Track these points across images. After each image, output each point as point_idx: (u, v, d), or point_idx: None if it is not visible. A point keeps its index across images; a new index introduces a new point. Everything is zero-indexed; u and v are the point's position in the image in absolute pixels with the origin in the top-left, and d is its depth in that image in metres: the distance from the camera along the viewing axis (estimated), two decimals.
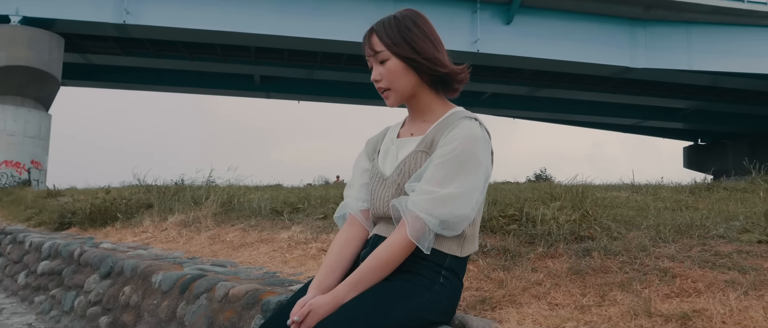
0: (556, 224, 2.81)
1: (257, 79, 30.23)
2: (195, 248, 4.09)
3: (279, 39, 22.62)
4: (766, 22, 25.20)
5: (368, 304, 1.62)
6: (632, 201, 4.27)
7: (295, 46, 24.02)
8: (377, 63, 1.80)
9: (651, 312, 1.85)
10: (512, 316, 1.97)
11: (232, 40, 23.22)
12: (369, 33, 1.82)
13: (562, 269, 2.39)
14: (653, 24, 24.57)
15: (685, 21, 24.76)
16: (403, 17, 1.80)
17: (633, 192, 5.00)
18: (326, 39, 22.38)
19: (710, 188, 5.06)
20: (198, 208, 5.26)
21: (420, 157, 1.75)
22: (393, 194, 1.77)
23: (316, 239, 3.70)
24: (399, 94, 1.80)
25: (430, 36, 1.80)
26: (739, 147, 39.03)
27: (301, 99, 32.84)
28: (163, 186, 6.47)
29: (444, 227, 1.65)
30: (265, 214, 4.70)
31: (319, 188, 8.25)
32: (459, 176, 1.65)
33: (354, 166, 2.04)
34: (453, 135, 1.71)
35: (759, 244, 2.46)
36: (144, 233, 4.92)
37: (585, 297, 2.06)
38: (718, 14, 24.64)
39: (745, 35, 25.16)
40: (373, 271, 1.67)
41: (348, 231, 1.89)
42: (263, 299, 2.36)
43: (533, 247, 2.70)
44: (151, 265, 3.28)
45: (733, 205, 3.90)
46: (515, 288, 2.27)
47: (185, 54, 26.34)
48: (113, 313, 3.26)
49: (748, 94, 30.35)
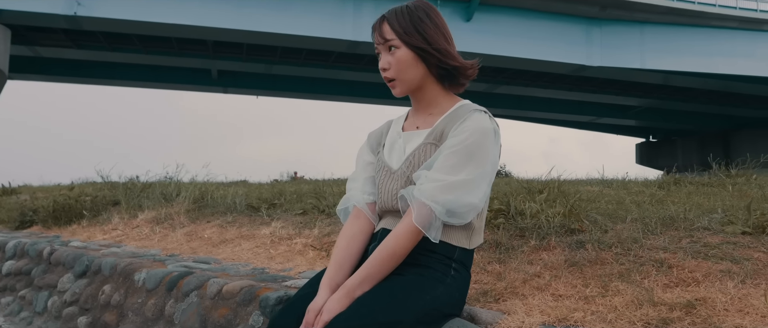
0: (545, 218, 2.83)
1: (215, 74, 29.72)
2: (172, 245, 4.00)
3: (238, 33, 22.27)
4: (715, 24, 26.03)
5: (384, 298, 1.60)
6: (606, 195, 4.34)
7: (254, 41, 23.67)
8: (386, 51, 1.78)
9: (655, 301, 1.88)
10: (518, 308, 1.98)
11: (189, 34, 22.74)
12: (380, 21, 1.81)
13: (558, 261, 2.41)
14: (609, 23, 25.10)
15: (638, 21, 25.37)
16: (416, 8, 1.79)
17: (604, 187, 5.09)
18: (286, 34, 22.12)
19: (677, 182, 5.19)
20: (169, 204, 5.14)
21: (429, 149, 1.74)
22: (402, 186, 1.76)
23: (299, 234, 3.65)
24: (406, 84, 1.79)
25: (441, 28, 1.80)
26: (689, 144, 40.34)
27: (259, 94, 32.45)
28: (130, 182, 6.30)
29: (450, 214, 1.64)
30: (240, 210, 4.63)
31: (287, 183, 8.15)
32: (468, 166, 1.65)
33: (357, 159, 2.02)
34: (464, 127, 1.70)
35: (743, 235, 2.53)
36: (114, 231, 4.78)
37: (588, 288, 2.08)
38: (670, 15, 25.32)
39: (696, 36, 25.94)
40: (383, 262, 1.65)
41: (354, 225, 1.86)
42: (260, 295, 2.32)
43: (525, 240, 2.72)
44: (132, 263, 3.18)
45: (704, 198, 4.01)
46: (515, 280, 2.28)
47: (140, 47, 25.65)
48: (92, 313, 3.15)
49: (698, 93, 31.30)
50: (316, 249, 3.24)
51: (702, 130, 39.19)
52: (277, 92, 32.03)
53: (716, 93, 31.05)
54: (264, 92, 31.99)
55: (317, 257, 3.12)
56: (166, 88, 31.67)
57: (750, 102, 32.83)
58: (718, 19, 25.88)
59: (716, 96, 31.75)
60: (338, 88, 31.44)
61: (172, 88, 31.99)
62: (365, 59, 26.84)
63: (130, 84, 30.92)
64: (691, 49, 25.85)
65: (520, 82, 30.00)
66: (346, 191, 1.99)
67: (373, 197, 1.88)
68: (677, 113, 36.04)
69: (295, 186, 6.57)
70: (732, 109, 34.57)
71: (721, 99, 32.44)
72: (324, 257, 3.12)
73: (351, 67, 28.08)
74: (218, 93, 32.76)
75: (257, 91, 31.82)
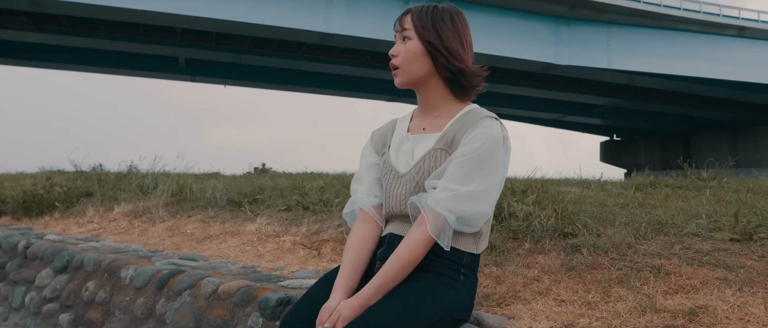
0: (538, 221, 2.86)
1: (182, 62, 29.26)
2: (153, 240, 3.92)
3: (207, 21, 21.96)
4: (679, 27, 26.65)
5: (398, 306, 1.61)
6: (588, 197, 4.40)
7: (223, 30, 23.36)
8: (401, 40, 1.80)
9: (657, 308, 1.91)
10: (524, 313, 1.99)
11: (156, 21, 22.30)
12: (405, 12, 1.82)
13: (555, 264, 2.44)
14: (577, 23, 25.48)
15: (606, 21, 25.82)
16: (442, 9, 1.81)
17: (583, 188, 5.16)
18: (257, 23, 21.89)
19: (653, 184, 5.29)
20: (146, 197, 5.04)
21: (440, 155, 1.74)
22: (411, 191, 1.75)
23: (286, 231, 3.62)
24: (408, 75, 1.80)
25: (460, 33, 1.80)
26: (651, 143, 41.28)
27: (227, 84, 32.07)
28: (104, 173, 6.16)
29: (462, 223, 1.66)
30: (221, 204, 4.56)
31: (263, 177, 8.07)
32: (480, 175, 1.66)
33: (361, 159, 2.00)
34: (476, 135, 1.70)
35: (731, 242, 2.58)
36: (90, 224, 4.67)
37: (590, 293, 2.11)
38: (636, 16, 25.83)
39: (660, 38, 26.53)
40: (398, 271, 1.66)
41: (364, 229, 1.85)
42: (259, 296, 2.29)
43: (519, 243, 2.74)
44: (117, 259, 3.12)
45: (683, 202, 4.10)
46: (514, 284, 2.30)
47: (105, 33, 25.07)
48: (75, 310, 3.08)
49: (661, 94, 32.03)
50: (307, 248, 3.22)
51: (664, 131, 40.12)
52: (246, 82, 31.71)
53: (678, 94, 31.80)
54: (233, 82, 31.64)
55: (308, 256, 3.10)
56: (132, 75, 31.09)
57: (710, 104, 33.73)
58: (681, 22, 26.51)
59: (678, 97, 32.53)
60: (308, 79, 31.27)
61: (138, 75, 31.43)
62: (336, 51, 26.74)
63: (95, 70, 30.25)
64: (655, 50, 26.44)
65: (491, 79, 29.68)
66: (350, 192, 1.98)
67: (380, 199, 1.87)
68: (641, 113, 36.83)
69: (273, 180, 6.50)
70: (693, 111, 35.46)
71: (682, 100, 33.25)
72: (315, 255, 3.10)
73: (321, 59, 27.94)
74: (185, 81, 32.27)
75: (226, 81, 31.46)
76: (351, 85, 32.47)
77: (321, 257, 3.07)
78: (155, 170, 6.03)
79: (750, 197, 4.19)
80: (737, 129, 37.40)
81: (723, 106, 34.05)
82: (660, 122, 38.46)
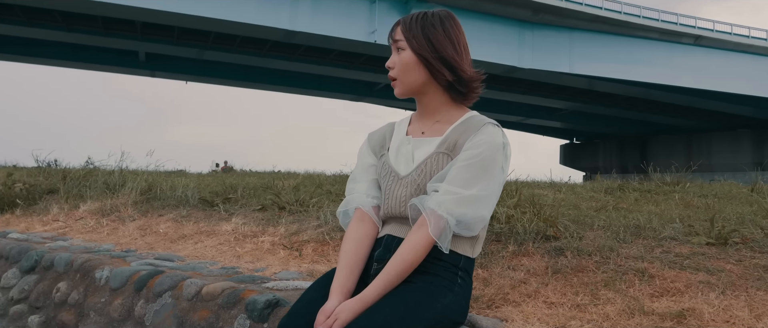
0: (520, 224, 2.88)
1: (142, 57, 28.67)
2: (124, 239, 3.82)
3: (169, 15, 21.53)
4: (639, 34, 27.29)
5: (398, 307, 1.60)
6: (560, 200, 4.46)
7: (186, 24, 22.95)
8: (396, 51, 1.79)
9: (645, 311, 1.95)
10: (515, 315, 2.01)
11: (116, 13, 21.77)
12: (396, 23, 1.82)
13: (540, 267, 2.46)
14: (540, 27, 25.86)
15: (568, 27, 26.27)
16: (433, 15, 1.79)
17: (555, 191, 5.23)
18: (221, 19, 21.59)
19: (621, 188, 5.40)
20: (114, 195, 4.92)
21: (442, 159, 1.74)
22: (411, 194, 1.75)
23: (263, 231, 3.57)
24: (406, 86, 1.80)
25: (452, 38, 1.79)
26: (609, 147, 42.19)
27: (189, 79, 31.54)
28: (68, 170, 5.98)
29: (462, 227, 1.66)
30: (193, 203, 4.48)
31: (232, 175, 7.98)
32: (481, 180, 1.67)
33: (359, 160, 1.98)
34: (478, 140, 1.71)
35: (708, 246, 2.65)
36: (55, 222, 4.53)
37: (578, 296, 2.13)
38: (597, 22, 26.35)
39: (621, 44, 27.14)
40: (400, 273, 1.65)
41: (360, 229, 1.83)
42: (246, 297, 2.25)
43: (502, 245, 2.76)
44: (90, 259, 3.02)
45: (653, 206, 4.19)
46: (502, 286, 2.31)
47: (62, 24, 24.34)
48: (45, 311, 2.98)
49: (620, 99, 32.74)
50: (287, 249, 3.18)
51: (622, 135, 41.03)
52: (209, 79, 31.26)
53: (637, 100, 32.57)
54: (194, 78, 31.13)
55: (290, 257, 3.06)
56: (90, 68, 30.29)
57: (667, 110, 34.65)
58: (641, 29, 27.15)
59: (636, 102, 33.32)
60: (272, 77, 31.00)
61: (95, 69, 30.64)
62: (301, 49, 26.56)
63: (51, 62, 29.39)
64: (615, 56, 27.04)
65: None
66: (346, 192, 1.96)
67: (378, 200, 1.86)
68: (600, 117, 37.59)
69: (243, 179, 6.42)
70: (650, 116, 36.38)
71: (640, 106, 34.07)
72: (296, 256, 3.06)
73: (286, 57, 27.74)
74: (145, 76, 31.64)
75: (188, 77, 30.93)
76: (315, 84, 32.31)
77: (302, 258, 3.04)
78: (122, 167, 5.88)
79: (717, 201, 4.31)
80: (692, 135, 38.55)
81: (679, 112, 35.02)
82: (618, 127, 39.33)
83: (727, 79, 28.64)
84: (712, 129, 37.72)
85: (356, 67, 28.71)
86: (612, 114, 36.56)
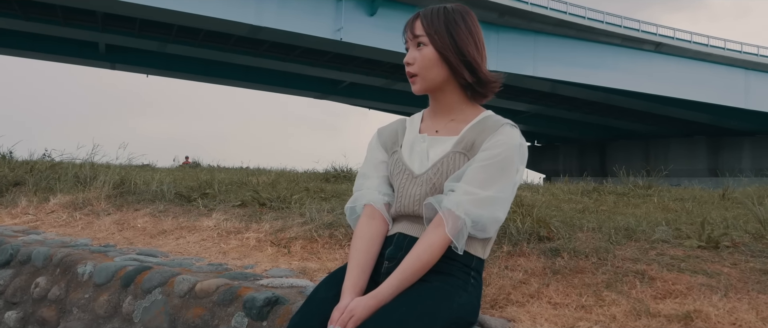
0: (513, 225, 2.88)
1: (102, 48, 27.94)
2: (101, 234, 3.70)
3: (131, 6, 20.97)
4: (602, 39, 27.82)
5: (414, 306, 1.58)
6: (541, 201, 4.49)
7: (148, 16, 22.43)
8: (414, 47, 1.75)
9: (651, 312, 1.96)
10: (522, 315, 2.00)
11: (76, 3, 21.17)
12: (414, 17, 1.77)
13: (538, 267, 2.46)
14: (505, 30, 26.11)
15: (533, 30, 26.61)
16: (453, 10, 1.75)
17: (532, 192, 5.27)
18: (184, 12, 21.18)
19: (597, 190, 5.47)
20: (86, 189, 4.77)
21: (458, 159, 1.72)
22: (426, 192, 1.72)
23: (247, 228, 3.50)
24: (426, 82, 1.76)
25: (474, 36, 1.76)
26: (570, 150, 42.91)
27: (150, 73, 30.90)
28: (35, 161, 5.78)
29: (477, 228, 1.65)
30: (169, 198, 4.37)
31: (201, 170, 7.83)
32: (499, 181, 1.65)
33: (368, 155, 1.94)
34: (497, 141, 1.69)
35: (700, 249, 2.68)
36: (25, 215, 4.37)
37: (582, 297, 2.14)
38: (562, 27, 26.76)
39: (584, 49, 27.63)
40: (416, 272, 1.63)
41: (371, 226, 1.79)
42: (243, 295, 2.19)
43: (497, 245, 2.75)
44: (71, 254, 2.92)
45: (634, 209, 4.25)
46: (503, 287, 2.30)
47: (18, 12, 23.51)
48: (23, 307, 2.86)
49: (581, 103, 33.32)
50: (275, 245, 3.12)
51: (582, 138, 41.75)
52: (171, 72, 30.68)
53: (598, 104, 33.18)
54: (156, 71, 30.52)
55: (278, 254, 3.00)
56: (48, 59, 29.40)
57: (627, 115, 35.39)
58: (604, 35, 27.67)
59: (598, 107, 33.94)
60: (236, 72, 30.60)
61: (53, 60, 29.76)
62: (265, 45, 26.28)
63: (8, 52, 28.39)
64: (578, 60, 27.50)
65: None
66: (354, 188, 1.91)
67: (388, 197, 1.83)
68: (561, 121, 38.19)
69: (213, 175, 6.30)
70: (611, 121, 37.10)
71: (601, 110, 34.73)
72: (285, 254, 3.00)
73: (251, 53, 27.41)
74: (105, 68, 30.88)
75: (149, 70, 30.30)
76: (280, 81, 32.01)
77: (291, 255, 2.98)
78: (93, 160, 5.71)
79: (694, 205, 4.39)
80: (650, 140, 39.50)
81: (638, 118, 35.81)
82: (579, 130, 40.02)
83: (686, 87, 29.39)
84: (670, 135, 38.69)
85: (321, 64, 28.56)
86: (574, 118, 37.19)
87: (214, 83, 33.35)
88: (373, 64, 28.38)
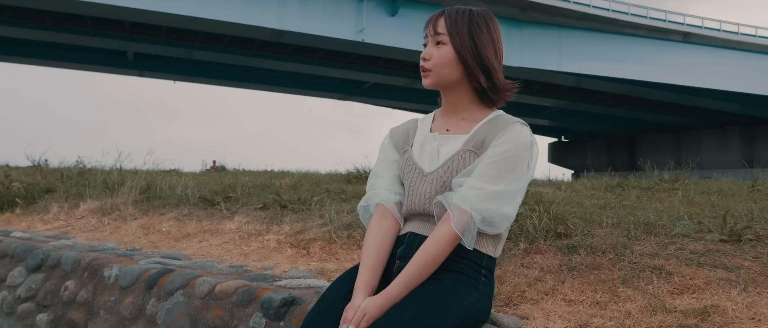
0: (530, 221, 2.88)
1: (131, 56, 28.44)
2: (128, 238, 3.80)
3: (157, 15, 21.35)
4: (627, 31, 27.38)
5: (425, 303, 1.60)
6: (562, 197, 4.48)
7: (174, 24, 22.78)
8: (433, 44, 1.77)
9: (667, 308, 1.95)
10: (536, 313, 2.01)
11: (104, 13, 21.57)
12: (438, 14, 1.79)
13: (554, 264, 2.46)
14: (528, 25, 25.87)
15: (556, 24, 26.31)
16: (478, 14, 1.77)
17: (555, 189, 5.24)
18: (208, 18, 21.46)
19: (621, 185, 5.42)
20: (114, 194, 4.88)
21: (468, 157, 1.73)
22: (436, 190, 1.74)
23: (268, 230, 3.56)
24: (438, 79, 1.77)
25: (495, 42, 1.78)
26: (597, 145, 42.35)
27: (177, 79, 31.36)
28: (66, 169, 5.93)
29: (486, 223, 1.65)
30: (194, 202, 4.45)
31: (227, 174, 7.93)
32: (508, 177, 1.66)
33: (380, 155, 1.97)
34: (507, 138, 1.70)
35: (721, 243, 2.65)
36: (56, 221, 4.50)
37: (597, 294, 2.13)
38: (585, 20, 26.43)
39: (609, 42, 27.22)
40: (423, 268, 1.64)
41: (383, 225, 1.81)
42: (261, 296, 2.24)
43: (514, 242, 2.76)
44: (98, 258, 3.00)
45: (657, 204, 4.21)
46: (518, 284, 2.31)
47: (50, 24, 24.10)
48: (53, 310, 2.95)
49: (607, 97, 32.86)
50: (294, 247, 3.17)
51: (610, 133, 41.18)
52: (197, 78, 31.09)
53: (624, 97, 32.71)
54: (183, 78, 30.95)
55: (297, 256, 3.05)
56: (78, 68, 30.04)
57: (655, 107, 34.80)
58: (629, 26, 27.24)
59: (625, 100, 33.46)
60: (260, 76, 30.87)
61: (84, 69, 30.40)
62: (288, 49, 26.47)
63: (39, 62, 29.13)
64: (603, 54, 27.10)
65: None
66: (367, 187, 1.94)
67: (401, 196, 1.85)
68: (588, 115, 37.69)
69: (238, 178, 6.39)
70: (638, 114, 36.52)
71: (628, 103, 34.22)
72: (304, 255, 3.05)
73: (274, 56, 27.64)
74: (134, 76, 31.41)
75: (175, 76, 30.74)
76: (303, 83, 32.22)
77: (310, 256, 3.03)
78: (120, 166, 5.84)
79: (720, 199, 4.33)
80: (681, 132, 38.78)
81: (667, 109, 35.21)
82: (607, 124, 39.48)
83: (716, 77, 28.79)
84: (701, 126, 37.95)
85: (344, 66, 28.66)
86: (600, 112, 36.71)
87: (240, 88, 33.70)
88: (395, 64, 28.38)
